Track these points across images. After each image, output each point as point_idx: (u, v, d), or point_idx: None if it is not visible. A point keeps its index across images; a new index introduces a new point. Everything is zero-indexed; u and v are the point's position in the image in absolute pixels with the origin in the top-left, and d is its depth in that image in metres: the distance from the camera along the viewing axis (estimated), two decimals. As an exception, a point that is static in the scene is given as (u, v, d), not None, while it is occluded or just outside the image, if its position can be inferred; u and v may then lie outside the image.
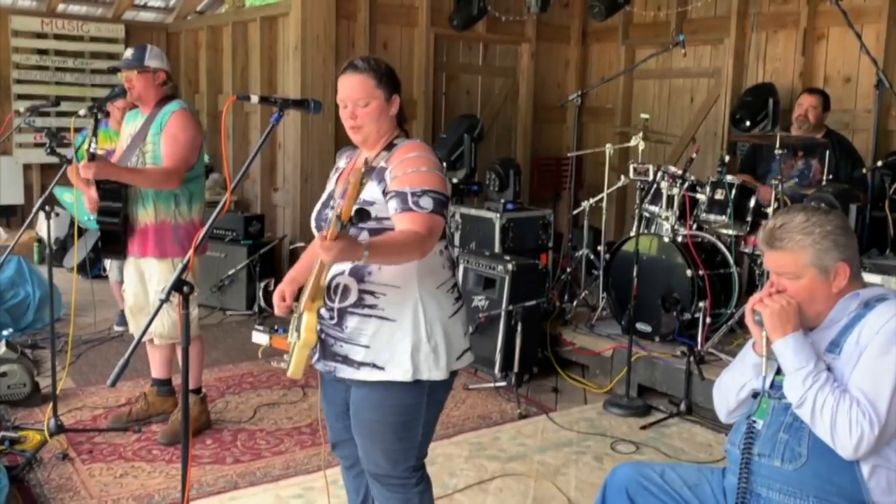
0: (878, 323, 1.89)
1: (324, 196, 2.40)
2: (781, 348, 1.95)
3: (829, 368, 1.92)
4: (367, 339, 2.20)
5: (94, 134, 3.43)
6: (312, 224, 2.37)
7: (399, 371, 2.18)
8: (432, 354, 2.20)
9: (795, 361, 1.92)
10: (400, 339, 2.19)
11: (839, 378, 1.91)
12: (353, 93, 2.23)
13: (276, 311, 2.34)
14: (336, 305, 2.22)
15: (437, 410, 2.32)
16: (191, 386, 3.75)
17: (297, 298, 2.35)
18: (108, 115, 4.97)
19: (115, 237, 3.64)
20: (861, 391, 1.85)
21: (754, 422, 2.03)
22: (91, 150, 3.35)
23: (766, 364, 2.01)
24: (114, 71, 4.05)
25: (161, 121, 3.56)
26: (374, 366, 2.20)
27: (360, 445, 2.31)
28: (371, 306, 2.19)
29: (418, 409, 2.24)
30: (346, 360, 2.23)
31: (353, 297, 2.20)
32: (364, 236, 2.15)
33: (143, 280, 3.67)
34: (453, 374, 2.29)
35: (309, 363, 2.23)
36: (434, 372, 2.21)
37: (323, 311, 2.23)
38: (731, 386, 2.14)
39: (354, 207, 1.86)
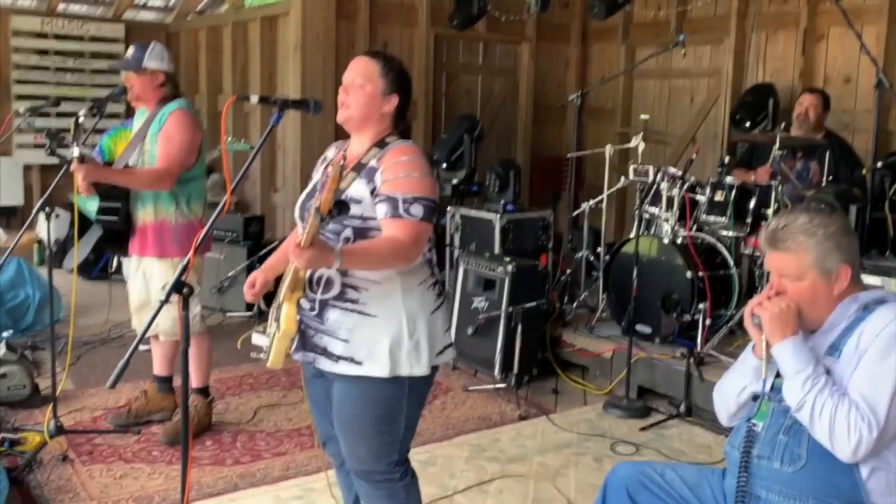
0: (878, 326, 1.89)
1: (309, 186, 2.39)
2: (780, 351, 1.95)
3: (828, 372, 1.92)
4: (346, 334, 2.20)
5: (75, 134, 3.36)
6: (296, 213, 2.36)
7: (377, 367, 2.19)
8: (414, 351, 2.21)
9: (794, 365, 1.92)
10: (380, 335, 2.19)
11: (839, 382, 1.90)
12: (354, 70, 2.26)
13: (246, 297, 2.33)
14: (318, 297, 2.22)
15: (418, 405, 2.32)
16: (198, 385, 3.76)
17: (275, 288, 2.35)
18: (102, 113, 4.90)
19: (116, 234, 3.64)
20: (860, 395, 1.85)
21: (754, 424, 2.02)
22: (79, 150, 3.30)
23: (765, 367, 2.01)
24: (116, 71, 4.04)
25: (160, 120, 3.56)
26: (353, 360, 2.20)
27: (343, 441, 2.32)
28: (353, 300, 2.20)
29: (399, 403, 2.24)
30: (325, 353, 2.24)
31: (335, 290, 2.21)
32: (343, 237, 2.16)
33: (146, 278, 3.66)
34: (434, 370, 2.30)
35: (288, 354, 2.25)
36: (415, 367, 2.22)
37: (304, 301, 2.24)
38: (732, 389, 2.14)
39: (333, 200, 1.85)
